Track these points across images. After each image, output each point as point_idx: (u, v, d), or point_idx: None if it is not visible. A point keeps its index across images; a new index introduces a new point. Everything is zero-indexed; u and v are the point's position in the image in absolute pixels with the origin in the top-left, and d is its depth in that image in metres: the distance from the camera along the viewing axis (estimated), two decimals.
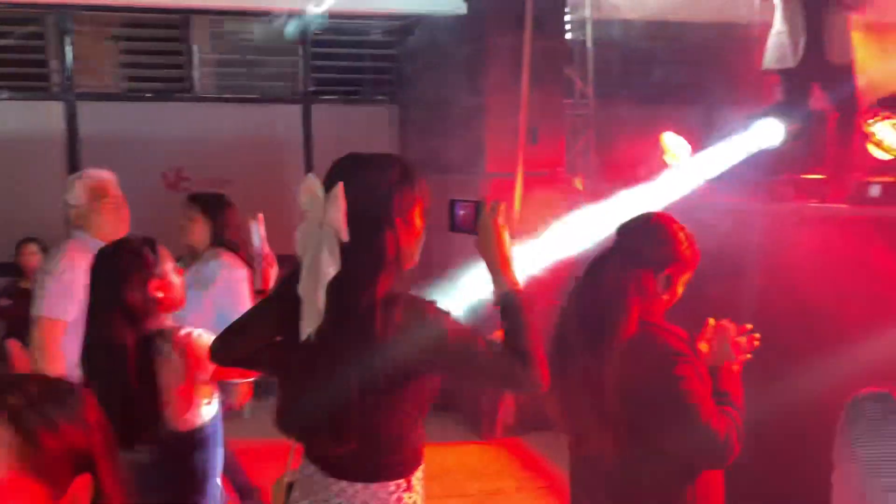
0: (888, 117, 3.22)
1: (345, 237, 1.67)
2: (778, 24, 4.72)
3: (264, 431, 2.00)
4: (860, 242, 3.19)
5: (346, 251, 1.67)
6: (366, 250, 1.69)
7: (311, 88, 6.33)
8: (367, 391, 1.67)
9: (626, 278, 2.00)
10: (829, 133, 4.52)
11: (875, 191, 3.18)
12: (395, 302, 1.69)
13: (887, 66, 5.09)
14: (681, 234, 2.07)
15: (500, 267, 1.77)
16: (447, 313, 1.74)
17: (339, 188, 1.68)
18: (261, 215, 2.71)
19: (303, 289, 1.70)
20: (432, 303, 1.76)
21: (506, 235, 1.79)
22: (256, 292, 2.79)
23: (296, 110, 6.29)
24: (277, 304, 1.89)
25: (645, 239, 2.07)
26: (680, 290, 2.09)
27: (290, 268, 1.81)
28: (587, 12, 5.79)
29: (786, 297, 3.38)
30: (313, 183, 1.73)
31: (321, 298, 1.67)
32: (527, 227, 4.39)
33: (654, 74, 5.75)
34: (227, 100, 6.21)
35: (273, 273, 2.68)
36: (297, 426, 1.81)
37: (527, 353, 1.69)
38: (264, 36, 5.84)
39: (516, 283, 1.78)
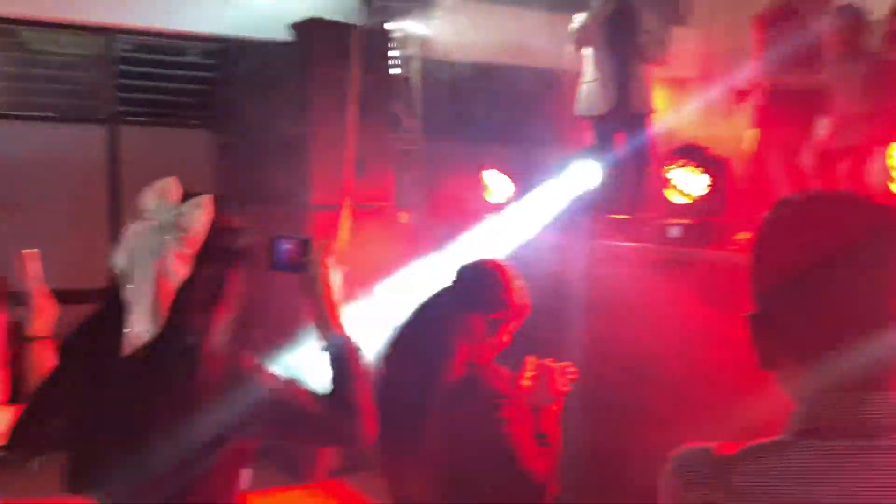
0: (685, 164, 3.52)
1: (196, 247, 1.51)
2: (589, 73, 5.07)
3: (52, 489, 1.71)
4: (664, 279, 3.44)
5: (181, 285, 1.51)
6: (202, 286, 1.53)
7: (119, 108, 5.85)
8: (176, 457, 1.48)
9: (453, 320, 1.99)
10: (634, 176, 4.90)
11: (674, 231, 3.44)
12: (214, 357, 1.53)
13: (683, 116, 5.64)
14: (514, 283, 2.10)
15: (327, 311, 1.65)
16: (265, 369, 1.59)
17: (208, 198, 1.54)
18: (35, 251, 2.23)
19: (132, 294, 1.50)
20: (250, 357, 1.60)
21: (335, 277, 1.69)
22: (23, 339, 2.35)
23: (99, 131, 5.77)
24: (74, 358, 1.63)
25: (477, 282, 2.08)
26: (506, 337, 2.12)
27: (80, 311, 1.58)
28: (415, 49, 5.88)
29: (608, 330, 3.56)
30: (171, 186, 1.55)
31: (151, 305, 1.48)
32: (353, 261, 4.31)
33: (479, 114, 5.96)
34: (19, 117, 5.58)
35: (50, 316, 2.22)
36: (94, 488, 1.57)
37: (353, 405, 1.58)
38: (65, 50, 5.33)
39: (344, 329, 1.67)
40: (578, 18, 5.06)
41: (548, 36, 5.78)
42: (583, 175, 4.51)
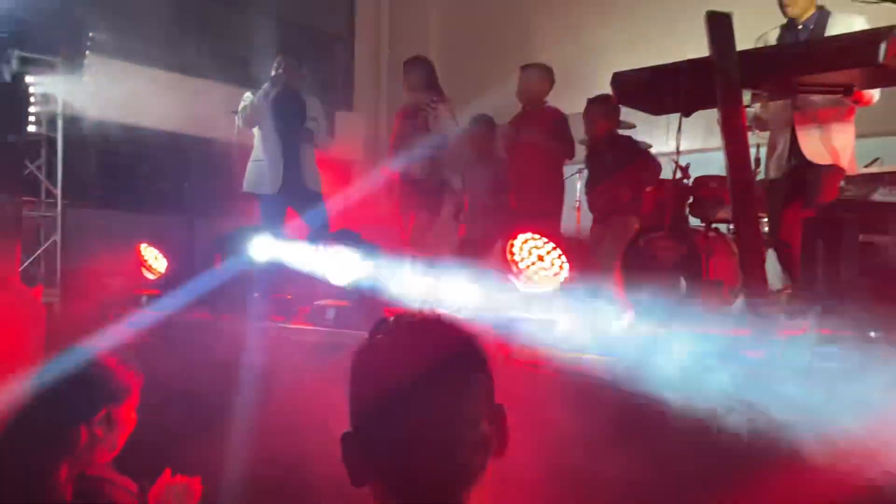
0: (341, 248, 3.61)
1: None
2: (258, 152, 5.05)
3: None
4: (322, 362, 3.44)
5: None
6: None
7: None
8: None
9: (47, 439, 1.71)
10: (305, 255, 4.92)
11: (330, 314, 3.49)
12: None
13: (350, 196, 5.85)
14: (119, 368, 1.86)
15: None
16: None
17: None
18: None
19: None
20: None
21: None
22: None
23: None
24: None
25: (72, 384, 1.79)
26: (122, 428, 1.86)
27: None
28: (58, 107, 5.30)
29: (277, 413, 3.41)
30: None
31: None
32: None
33: (134, 181, 5.53)
34: None
35: None
36: None
37: None
38: None
39: None
40: (247, 97, 5.03)
41: (217, 106, 5.65)
42: (248, 251, 4.40)
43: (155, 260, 4.69)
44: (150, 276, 4.62)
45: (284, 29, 7.27)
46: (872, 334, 2.16)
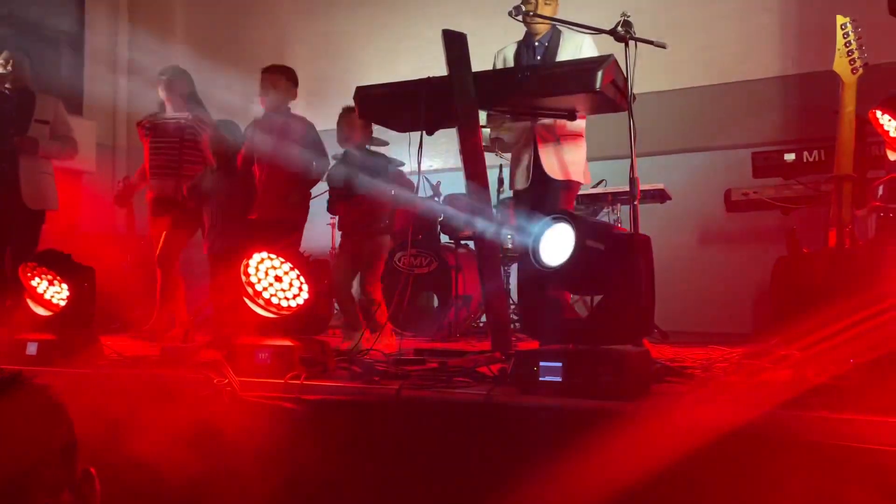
0: (42, 272, 3.10)
1: None
2: None
3: None
4: None
5: None
6: None
7: None
8: None
9: None
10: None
11: (32, 349, 2.98)
12: None
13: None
14: None
15: None
16: None
17: None
18: None
19: None
20: None
21: None
22: None
23: None
24: None
25: None
26: None
27: None
28: None
29: None
30: None
31: None
32: None
33: None
34: None
35: None
36: None
37: None
38: None
39: None
40: None
41: None
42: None
43: None
44: None
45: None
46: None
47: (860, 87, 2.79)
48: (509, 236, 4.78)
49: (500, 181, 5.20)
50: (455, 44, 3.10)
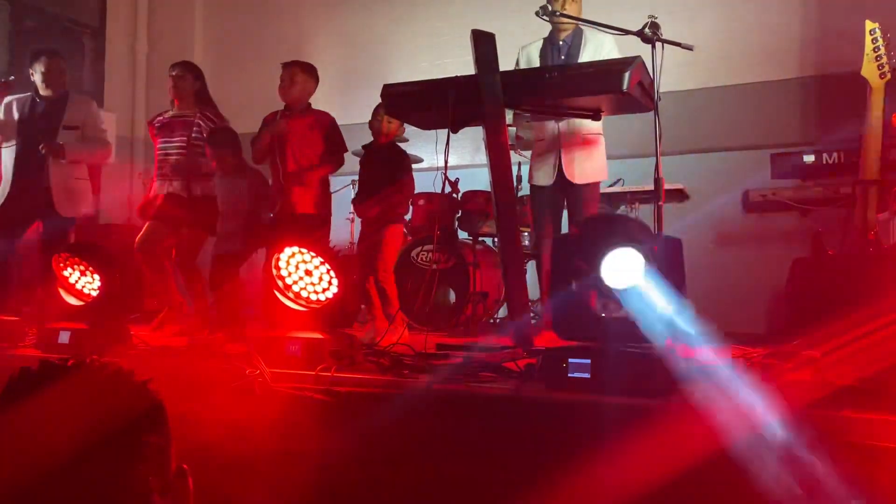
0: (75, 262, 3.15)
1: None
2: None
3: None
4: None
5: None
6: None
7: None
8: None
9: None
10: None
11: (64, 337, 3.03)
12: None
13: None
14: None
15: None
16: None
17: None
18: None
19: None
20: None
21: None
22: None
23: None
24: None
25: None
26: None
27: None
28: None
29: None
30: None
31: None
32: None
33: None
34: None
35: None
36: None
37: None
38: None
39: None
40: None
41: None
42: None
43: None
44: None
45: (20, 14, 6.38)
46: None
47: (888, 92, 2.81)
48: (526, 234, 4.81)
49: (519, 179, 5.23)
50: (483, 43, 3.13)
